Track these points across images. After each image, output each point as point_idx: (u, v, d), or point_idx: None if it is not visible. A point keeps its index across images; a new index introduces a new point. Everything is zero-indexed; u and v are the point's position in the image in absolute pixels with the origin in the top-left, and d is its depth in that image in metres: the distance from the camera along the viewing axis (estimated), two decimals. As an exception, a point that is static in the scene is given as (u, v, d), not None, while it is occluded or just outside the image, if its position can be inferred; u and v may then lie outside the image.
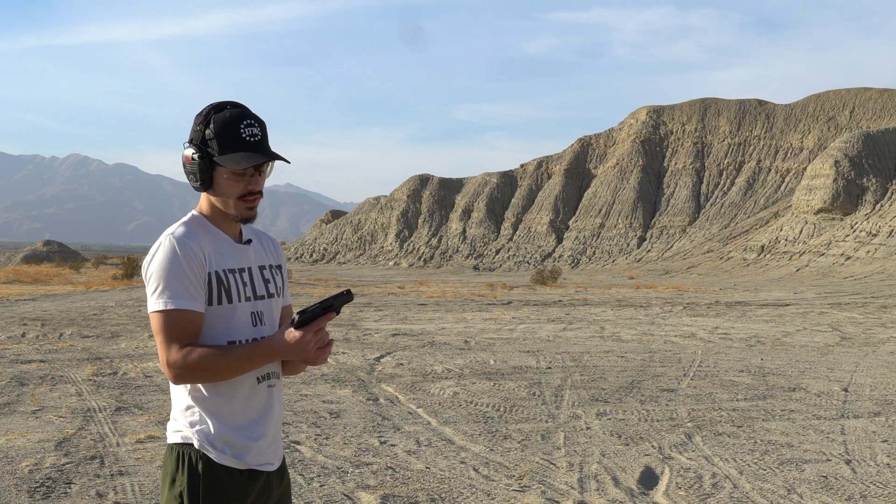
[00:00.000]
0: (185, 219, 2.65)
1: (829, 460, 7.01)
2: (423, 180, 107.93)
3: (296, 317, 2.46)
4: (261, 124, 2.62)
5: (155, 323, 2.55)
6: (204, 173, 2.60)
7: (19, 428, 7.76)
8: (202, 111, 2.61)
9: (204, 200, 2.67)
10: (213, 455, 2.59)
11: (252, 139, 2.57)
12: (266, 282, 2.74)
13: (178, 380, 2.54)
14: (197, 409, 2.61)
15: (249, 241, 2.74)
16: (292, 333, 2.49)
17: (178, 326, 2.53)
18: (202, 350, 2.50)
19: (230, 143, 2.56)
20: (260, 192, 2.64)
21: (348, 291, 2.52)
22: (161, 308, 2.53)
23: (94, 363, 11.89)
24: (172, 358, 2.51)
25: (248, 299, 2.65)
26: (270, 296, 2.74)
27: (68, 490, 5.88)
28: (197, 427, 2.60)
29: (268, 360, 2.54)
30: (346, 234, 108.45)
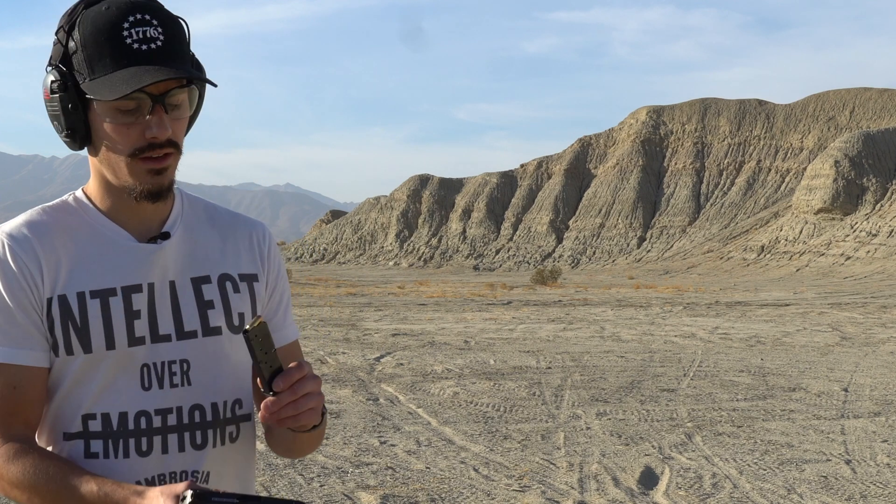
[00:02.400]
0: (47, 204, 1.59)
1: (829, 460, 7.01)
2: (423, 180, 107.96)
3: (188, 496, 1.33)
4: (166, 22, 1.47)
5: None
6: (72, 116, 1.48)
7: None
8: (69, 8, 1.51)
9: (92, 170, 1.56)
10: None
11: (143, 46, 1.44)
12: (204, 306, 1.56)
13: None
14: None
15: (166, 236, 1.56)
16: None
17: None
18: (32, 461, 1.44)
19: (105, 55, 1.44)
20: (172, 144, 1.48)
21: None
22: None
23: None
24: None
25: (136, 342, 1.51)
26: (211, 331, 1.56)
27: (68, 490, 5.88)
28: None
29: None
30: (346, 234, 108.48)
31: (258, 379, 1.42)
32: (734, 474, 6.55)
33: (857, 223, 70.17)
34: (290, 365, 1.43)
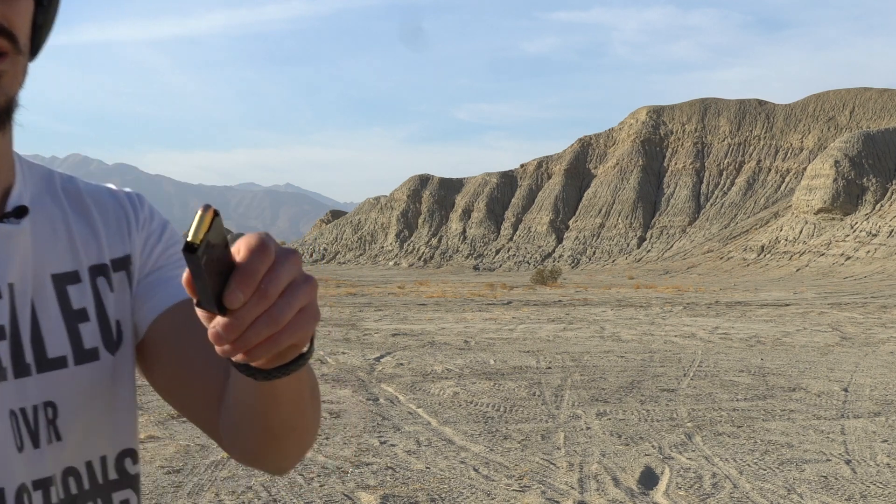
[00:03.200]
0: None
1: (829, 460, 7.01)
2: (423, 180, 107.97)
3: None
4: None
5: None
6: None
7: (19, 428, 7.76)
8: None
9: None
10: None
11: None
12: (74, 318, 1.02)
13: None
14: None
15: (22, 212, 1.00)
16: None
17: None
18: None
19: None
20: (3, 32, 0.91)
21: None
22: None
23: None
24: None
25: None
26: (86, 356, 1.02)
27: (68, 490, 5.88)
28: None
29: None
30: (346, 234, 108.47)
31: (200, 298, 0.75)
32: (734, 474, 6.55)
33: (857, 223, 70.18)
34: (245, 250, 0.74)
